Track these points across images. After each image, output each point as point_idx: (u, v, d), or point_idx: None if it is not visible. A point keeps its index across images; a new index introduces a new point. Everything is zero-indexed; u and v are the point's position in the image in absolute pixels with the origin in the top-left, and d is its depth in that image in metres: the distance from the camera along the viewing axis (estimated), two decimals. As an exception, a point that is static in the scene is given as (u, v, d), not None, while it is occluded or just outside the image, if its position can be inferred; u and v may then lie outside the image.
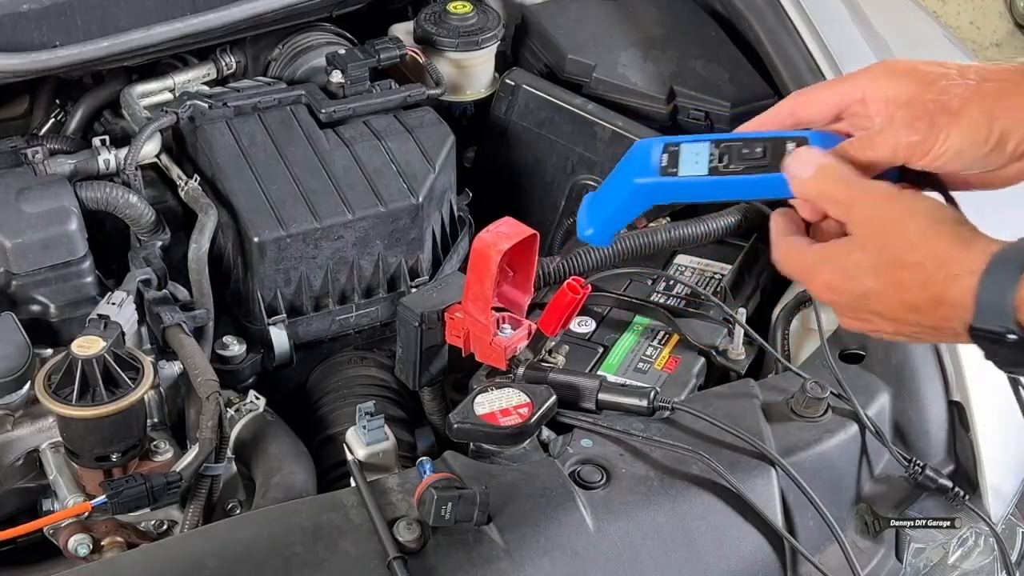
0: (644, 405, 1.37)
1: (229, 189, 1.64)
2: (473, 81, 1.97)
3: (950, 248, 0.96)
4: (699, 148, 1.10)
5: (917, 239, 0.97)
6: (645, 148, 1.13)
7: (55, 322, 1.57)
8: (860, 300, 1.01)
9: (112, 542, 1.39)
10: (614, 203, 1.16)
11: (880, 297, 0.99)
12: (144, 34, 1.70)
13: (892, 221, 0.98)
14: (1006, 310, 0.92)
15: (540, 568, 1.23)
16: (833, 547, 1.35)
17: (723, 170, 1.08)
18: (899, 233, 0.98)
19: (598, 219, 1.18)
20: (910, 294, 0.97)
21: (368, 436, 1.35)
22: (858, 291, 1.00)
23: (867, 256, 0.99)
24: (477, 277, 1.39)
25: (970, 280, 0.93)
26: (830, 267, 1.02)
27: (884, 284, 0.98)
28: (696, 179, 1.09)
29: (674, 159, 1.10)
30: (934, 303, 0.96)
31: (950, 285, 0.95)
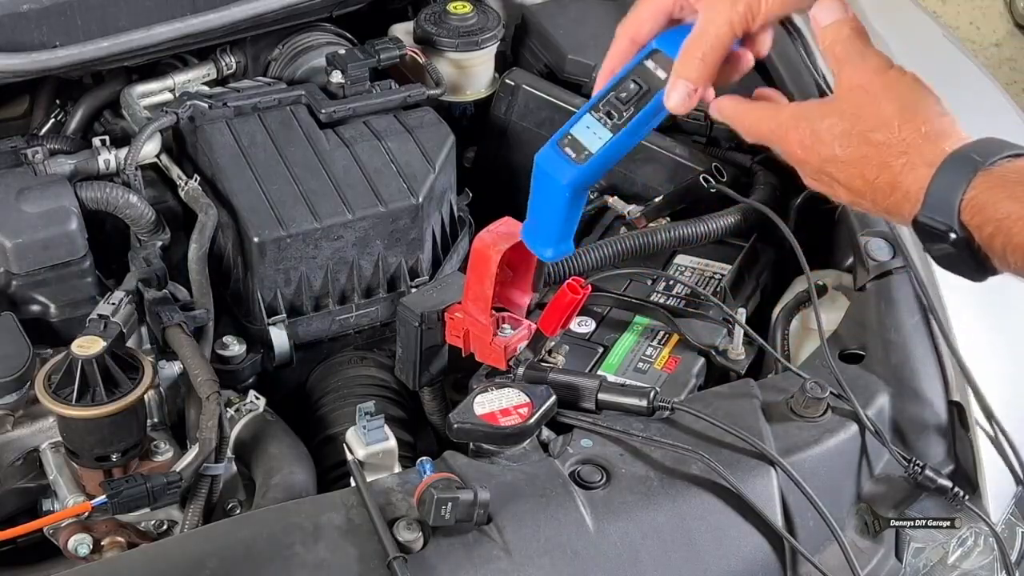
0: (644, 405, 1.37)
1: (229, 189, 1.64)
2: (473, 81, 1.97)
3: (916, 137, 0.98)
4: (587, 122, 1.15)
5: (890, 119, 0.99)
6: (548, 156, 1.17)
7: (55, 322, 1.57)
8: (825, 164, 1.03)
9: (112, 542, 1.39)
10: (557, 216, 1.20)
11: (843, 167, 1.02)
12: (144, 34, 1.70)
13: (872, 95, 1.00)
14: (952, 208, 0.94)
15: (540, 568, 1.23)
16: (833, 547, 1.35)
17: (621, 123, 1.13)
18: (875, 108, 1.00)
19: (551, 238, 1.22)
20: (870, 171, 1.00)
21: (368, 436, 1.35)
22: (826, 155, 1.03)
23: (841, 123, 1.01)
24: (477, 277, 1.39)
25: (925, 172, 0.95)
26: (805, 125, 1.04)
27: (850, 156, 1.01)
28: (609, 144, 1.14)
29: (577, 145, 1.15)
30: (890, 187, 0.99)
31: (908, 173, 0.97)
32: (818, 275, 1.62)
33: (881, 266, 1.55)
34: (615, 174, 1.86)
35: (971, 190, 0.93)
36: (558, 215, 1.20)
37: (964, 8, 4.58)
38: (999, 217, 0.91)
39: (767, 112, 1.09)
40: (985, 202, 0.92)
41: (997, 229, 0.92)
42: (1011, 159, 0.95)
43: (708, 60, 1.09)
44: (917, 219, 0.97)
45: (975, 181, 0.93)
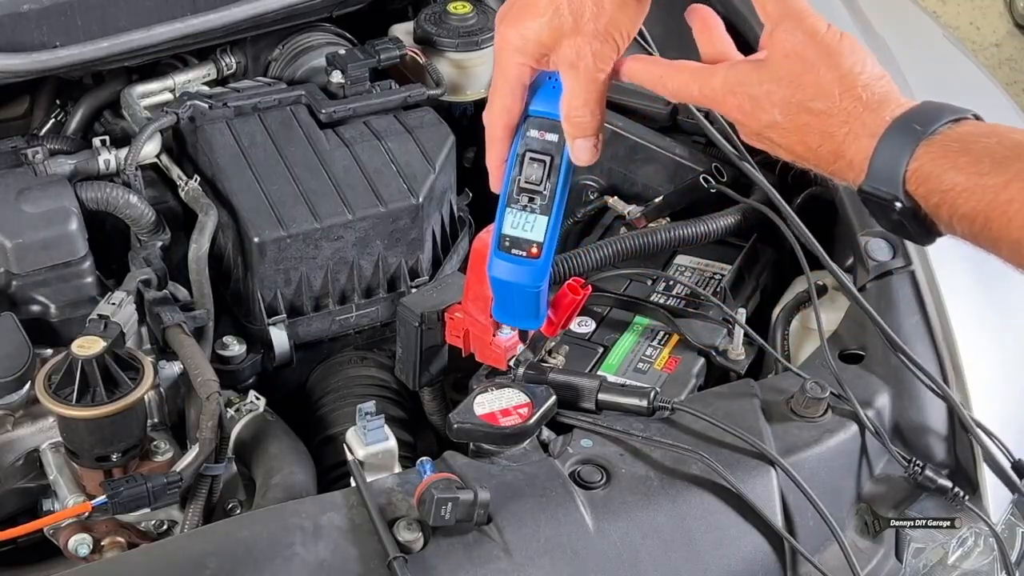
0: (644, 405, 1.37)
1: (229, 189, 1.64)
2: (473, 81, 1.97)
3: (857, 105, 0.97)
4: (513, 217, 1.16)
5: (830, 88, 0.98)
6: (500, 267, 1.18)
7: (55, 322, 1.57)
8: (765, 129, 1.02)
9: (112, 542, 1.39)
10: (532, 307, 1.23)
11: (784, 133, 1.01)
12: (144, 34, 1.70)
13: (810, 62, 0.99)
14: (896, 178, 0.94)
15: (540, 568, 1.23)
16: (833, 547, 1.35)
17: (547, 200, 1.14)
18: (814, 77, 0.99)
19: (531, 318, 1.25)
20: (812, 139, 0.99)
21: (368, 436, 1.35)
22: (766, 120, 1.02)
23: (779, 91, 1.00)
24: (477, 277, 1.39)
25: (868, 143, 0.95)
26: (743, 91, 1.02)
27: (790, 124, 1.00)
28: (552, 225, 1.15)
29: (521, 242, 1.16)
30: (833, 155, 0.98)
31: (851, 143, 0.97)
32: (818, 275, 1.62)
33: (881, 266, 1.55)
34: (615, 174, 1.86)
35: (914, 161, 0.93)
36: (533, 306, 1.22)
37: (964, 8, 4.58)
38: (944, 188, 0.91)
39: (695, 76, 1.06)
40: (929, 173, 0.92)
41: (942, 200, 0.92)
42: (951, 124, 0.94)
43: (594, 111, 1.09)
44: (862, 188, 0.97)
45: (918, 152, 0.93)
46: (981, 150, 0.91)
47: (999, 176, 0.89)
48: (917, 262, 1.55)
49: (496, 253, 1.17)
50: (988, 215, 0.90)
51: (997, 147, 0.91)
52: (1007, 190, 0.88)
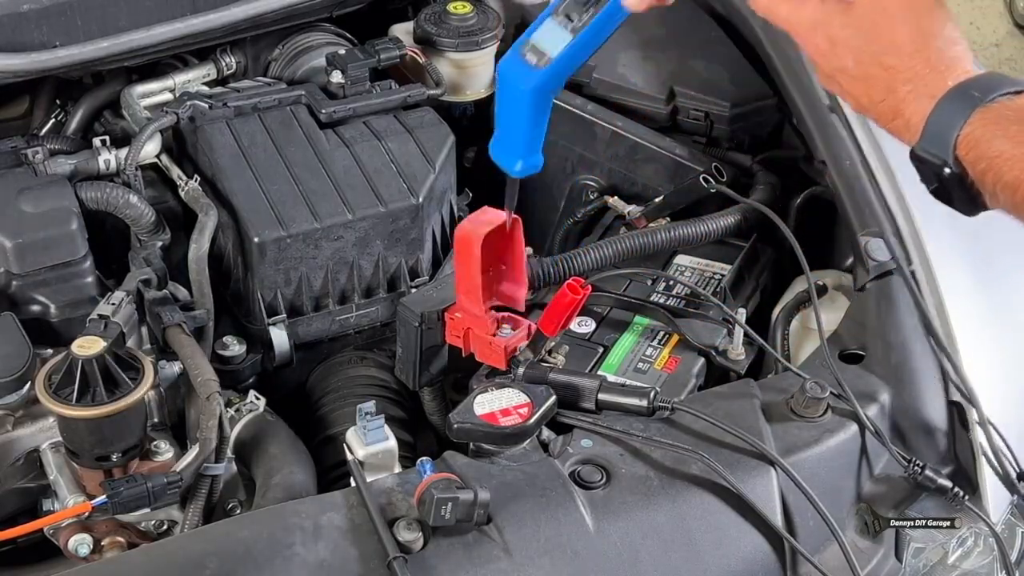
0: (644, 405, 1.37)
1: (229, 189, 1.64)
2: (473, 81, 1.97)
3: (924, 66, 0.99)
4: (548, 26, 1.17)
5: (903, 45, 1.00)
6: (509, 63, 1.18)
7: (55, 322, 1.57)
8: (836, 72, 1.05)
9: (112, 542, 1.39)
10: (521, 124, 1.21)
11: (853, 82, 1.03)
12: (144, 34, 1.70)
13: (891, 15, 1.01)
14: (948, 142, 0.95)
15: (540, 568, 1.23)
16: (833, 547, 1.35)
17: (581, 24, 1.15)
18: (891, 30, 1.01)
19: (518, 149, 1.22)
20: (877, 93, 1.01)
21: (368, 436, 1.35)
22: (838, 65, 1.04)
23: (856, 37, 1.02)
24: (463, 264, 1.39)
25: (927, 104, 0.97)
26: (823, 31, 1.04)
27: (860, 73, 1.02)
28: (569, 47, 1.15)
29: (537, 50, 1.16)
30: (893, 112, 1.00)
31: (911, 102, 0.98)
32: (818, 275, 1.62)
33: (881, 266, 1.55)
34: (615, 174, 1.86)
35: (967, 126, 0.94)
36: (522, 123, 1.21)
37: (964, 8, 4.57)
38: (992, 155, 0.93)
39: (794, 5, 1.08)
40: (980, 138, 0.93)
41: (989, 166, 0.93)
42: (1011, 96, 0.96)
43: None
44: (914, 151, 0.98)
45: (972, 117, 0.94)
46: None
47: None
48: (917, 262, 1.55)
49: (513, 50, 1.19)
50: None
51: None
52: None
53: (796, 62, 1.80)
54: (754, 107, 1.84)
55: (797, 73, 1.78)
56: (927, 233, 1.56)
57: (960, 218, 1.54)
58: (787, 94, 1.78)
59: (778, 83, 1.81)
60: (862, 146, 1.65)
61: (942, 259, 1.55)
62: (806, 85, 1.76)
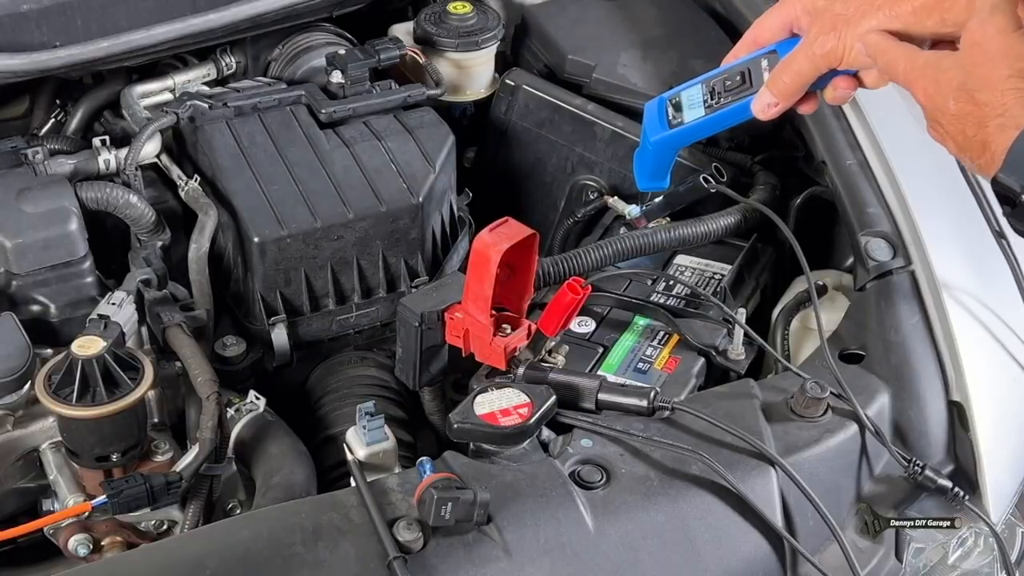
0: (644, 405, 1.37)
1: (229, 189, 1.65)
2: (473, 81, 1.97)
3: (1015, 101, 1.00)
4: (693, 92, 1.27)
5: (997, 82, 1.01)
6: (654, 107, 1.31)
7: (55, 322, 1.57)
8: (939, 114, 1.07)
9: (112, 542, 1.39)
10: (648, 161, 1.35)
11: (952, 120, 1.05)
12: (144, 34, 1.70)
13: (990, 55, 1.02)
14: None
15: (540, 568, 1.23)
16: (833, 547, 1.35)
17: (717, 105, 1.25)
18: (988, 69, 1.02)
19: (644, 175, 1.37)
20: (970, 128, 1.03)
21: (368, 436, 1.35)
22: (940, 105, 1.06)
23: (958, 76, 1.04)
24: (477, 277, 1.39)
25: (1012, 134, 0.98)
26: (931, 74, 1.07)
27: (957, 110, 1.04)
28: (698, 122, 1.26)
29: (679, 108, 1.27)
30: (982, 146, 1.01)
31: (998, 135, 1.00)
32: (818, 275, 1.62)
33: (881, 266, 1.55)
34: (615, 174, 1.86)
35: None
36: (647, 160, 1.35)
37: (964, 8, 4.57)
38: None
39: (906, 53, 1.11)
40: None
41: None
42: None
43: (791, 82, 1.19)
44: (995, 178, 1.00)
45: None
46: None
47: None
48: (917, 262, 1.55)
49: (664, 96, 1.31)
50: None
51: None
52: None
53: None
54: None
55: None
56: (927, 233, 1.56)
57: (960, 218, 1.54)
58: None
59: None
60: (862, 146, 1.65)
61: (942, 259, 1.55)
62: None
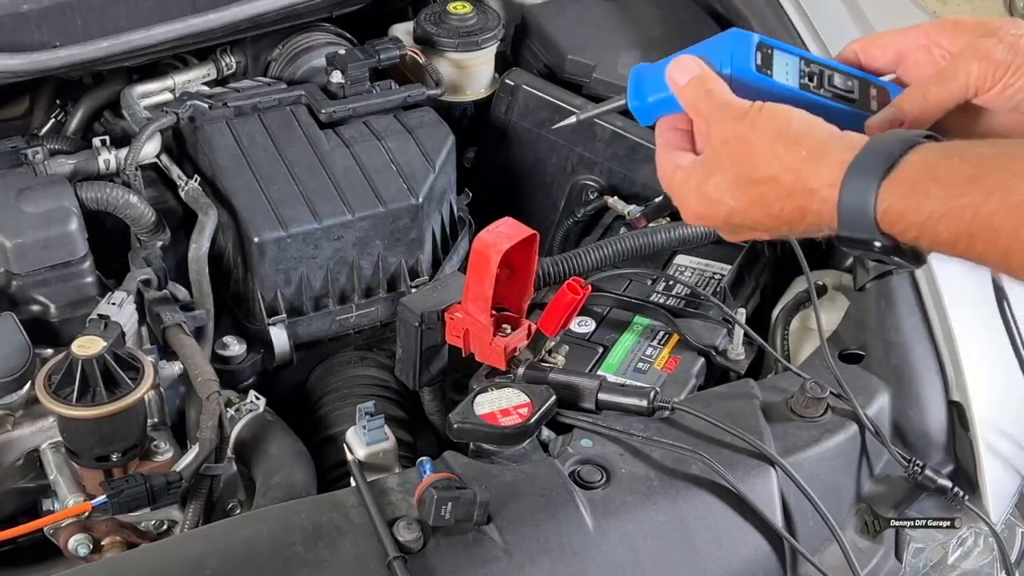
0: (644, 405, 1.37)
1: (229, 189, 1.64)
2: (473, 81, 1.97)
3: (801, 161, 0.97)
4: (789, 60, 1.10)
5: (765, 154, 0.98)
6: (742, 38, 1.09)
7: (55, 322, 1.57)
8: (729, 220, 1.03)
9: (112, 542, 1.39)
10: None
11: (746, 214, 1.01)
12: (144, 34, 1.70)
13: (741, 139, 1.00)
14: (868, 222, 0.93)
15: (540, 568, 1.23)
16: (833, 547, 1.35)
17: (812, 89, 1.09)
18: (748, 150, 0.99)
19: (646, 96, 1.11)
20: (774, 207, 0.99)
21: (368, 436, 1.35)
22: (724, 213, 1.02)
23: (724, 177, 1.01)
24: (477, 277, 1.39)
25: (830, 193, 0.94)
26: (694, 195, 1.03)
27: (745, 202, 1.00)
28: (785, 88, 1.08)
29: (767, 61, 1.09)
30: (800, 213, 0.98)
31: (811, 198, 0.96)
32: (818, 275, 1.62)
33: (881, 266, 1.55)
34: (615, 174, 1.86)
35: (882, 203, 0.92)
36: None
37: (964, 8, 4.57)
38: (920, 220, 0.91)
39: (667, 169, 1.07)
40: (902, 210, 0.91)
41: (921, 231, 0.91)
42: (905, 154, 0.93)
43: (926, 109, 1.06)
44: (838, 236, 0.96)
45: (882, 193, 0.92)
46: (948, 174, 0.90)
47: (976, 193, 0.88)
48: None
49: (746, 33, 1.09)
50: (971, 233, 0.89)
51: (962, 166, 0.90)
52: (988, 203, 0.87)
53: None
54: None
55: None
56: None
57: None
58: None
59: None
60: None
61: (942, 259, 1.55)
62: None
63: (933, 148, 0.93)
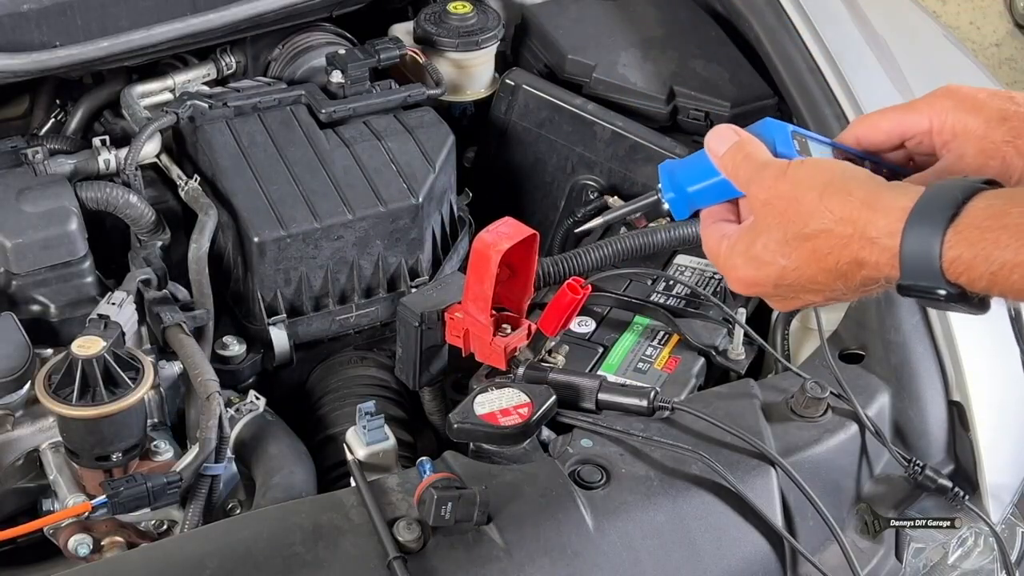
0: (644, 405, 1.37)
1: (229, 189, 1.64)
2: (473, 81, 1.97)
3: (854, 209, 0.93)
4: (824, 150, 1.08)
5: (814, 207, 0.95)
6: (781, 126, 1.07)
7: (55, 322, 1.57)
8: (781, 280, 0.99)
9: (112, 542, 1.39)
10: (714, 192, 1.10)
11: (800, 272, 0.98)
12: (144, 34, 1.70)
13: (785, 197, 0.97)
14: (935, 270, 0.89)
15: (540, 568, 1.23)
16: (833, 547, 1.35)
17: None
18: (796, 206, 0.96)
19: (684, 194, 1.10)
20: (829, 260, 0.95)
21: (368, 436, 1.35)
22: (775, 273, 0.99)
23: (772, 237, 0.98)
24: (477, 277, 1.39)
25: (890, 242, 0.91)
26: (742, 260, 1.00)
27: (797, 260, 0.97)
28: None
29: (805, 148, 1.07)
30: (855, 265, 0.94)
31: (870, 248, 0.93)
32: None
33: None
34: (615, 174, 1.86)
35: (949, 251, 0.88)
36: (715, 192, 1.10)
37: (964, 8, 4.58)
38: (992, 271, 0.87)
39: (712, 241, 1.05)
40: (972, 259, 0.88)
41: (992, 281, 0.88)
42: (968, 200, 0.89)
43: None
44: (901, 284, 0.92)
45: (949, 240, 0.88)
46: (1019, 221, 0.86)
47: None
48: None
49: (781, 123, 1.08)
50: None
51: None
52: None
53: (796, 62, 1.80)
54: (754, 107, 1.84)
55: (797, 73, 1.78)
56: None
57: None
58: (787, 94, 1.78)
59: (778, 83, 1.81)
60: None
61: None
62: (806, 85, 1.76)
63: (998, 195, 0.90)
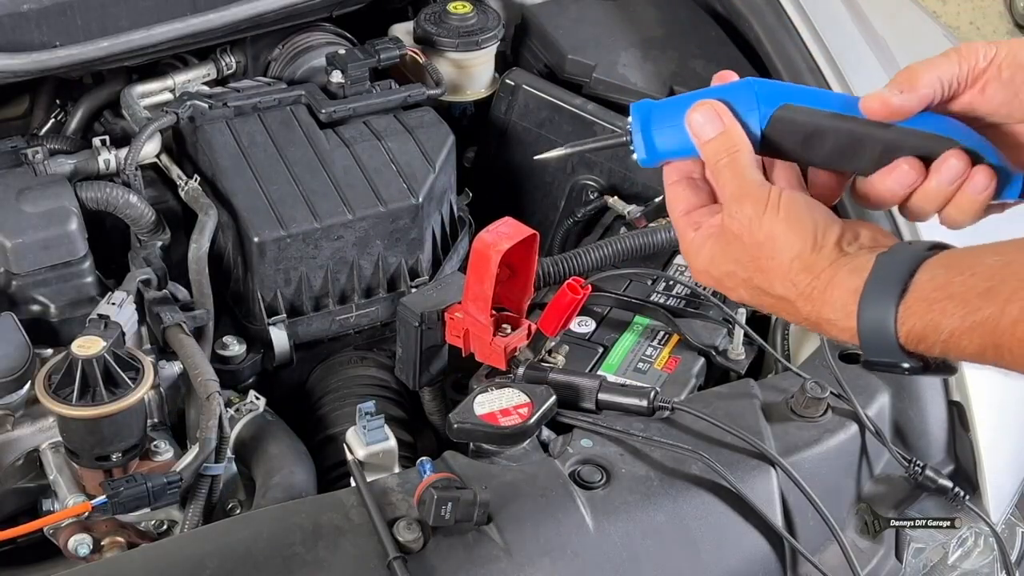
0: (644, 405, 1.37)
1: (229, 189, 1.64)
2: (473, 81, 1.97)
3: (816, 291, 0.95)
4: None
5: (782, 274, 0.96)
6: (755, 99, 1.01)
7: (55, 322, 1.57)
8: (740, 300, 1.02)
9: (112, 542, 1.39)
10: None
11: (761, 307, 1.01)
12: (144, 34, 1.70)
13: (757, 245, 0.97)
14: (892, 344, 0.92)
15: (540, 568, 1.23)
16: (833, 547, 1.35)
17: None
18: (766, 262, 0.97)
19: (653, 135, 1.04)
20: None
21: (368, 436, 1.35)
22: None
23: (738, 275, 0.99)
24: (477, 277, 1.39)
25: (848, 323, 0.93)
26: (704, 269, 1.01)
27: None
28: None
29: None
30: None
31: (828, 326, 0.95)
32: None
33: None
34: (615, 174, 1.86)
35: (902, 326, 0.91)
36: None
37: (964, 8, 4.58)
38: (943, 339, 0.90)
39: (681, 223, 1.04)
40: (923, 330, 0.90)
41: (945, 347, 0.90)
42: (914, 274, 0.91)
43: None
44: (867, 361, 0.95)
45: (901, 316, 0.91)
46: (962, 290, 0.89)
47: (992, 306, 0.87)
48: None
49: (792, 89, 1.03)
50: (997, 344, 0.88)
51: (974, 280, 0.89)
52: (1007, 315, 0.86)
53: (796, 62, 1.80)
54: (754, 107, 1.84)
55: (797, 73, 1.78)
56: (926, 232, 1.56)
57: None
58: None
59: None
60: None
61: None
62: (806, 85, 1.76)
63: (941, 264, 0.91)
